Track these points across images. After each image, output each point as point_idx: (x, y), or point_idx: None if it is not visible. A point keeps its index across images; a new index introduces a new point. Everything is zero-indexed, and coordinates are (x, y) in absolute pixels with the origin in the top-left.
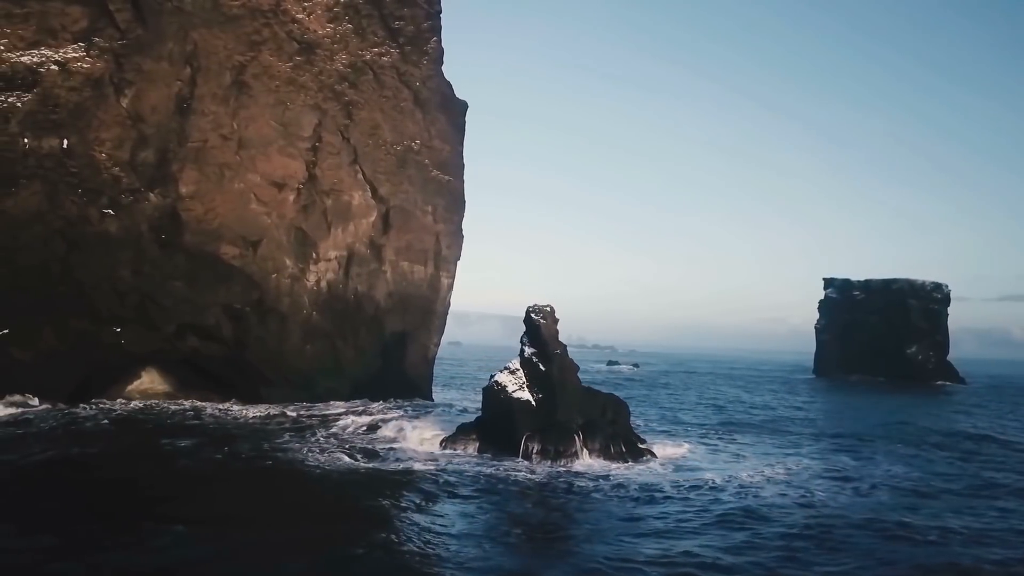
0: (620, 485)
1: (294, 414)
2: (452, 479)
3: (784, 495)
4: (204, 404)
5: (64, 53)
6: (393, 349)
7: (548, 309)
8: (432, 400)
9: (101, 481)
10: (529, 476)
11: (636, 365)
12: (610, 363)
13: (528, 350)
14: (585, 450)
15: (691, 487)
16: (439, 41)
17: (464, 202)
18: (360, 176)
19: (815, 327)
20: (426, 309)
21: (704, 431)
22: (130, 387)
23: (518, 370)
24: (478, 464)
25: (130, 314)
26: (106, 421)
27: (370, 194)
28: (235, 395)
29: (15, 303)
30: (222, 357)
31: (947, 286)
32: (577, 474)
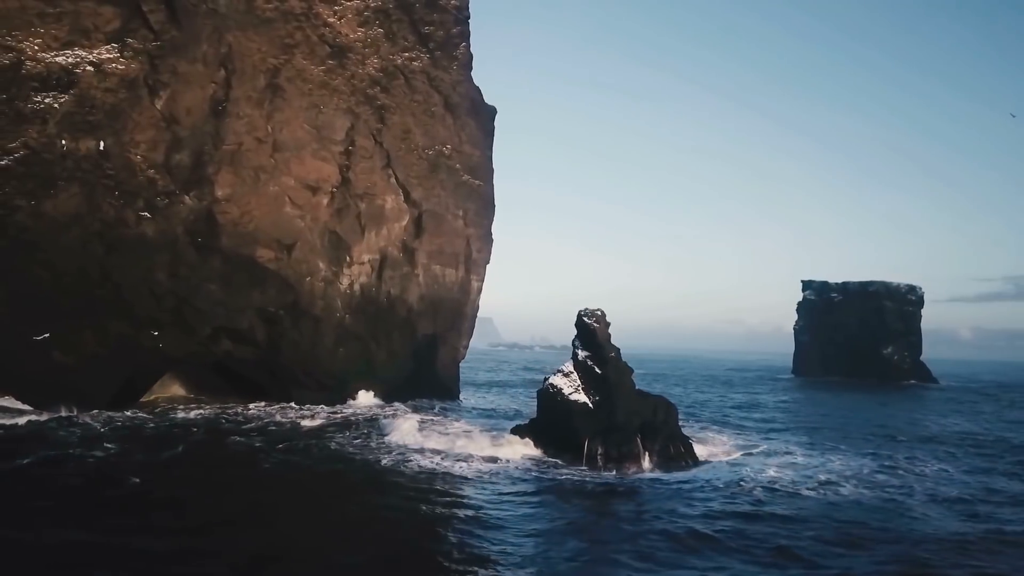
0: (702, 488)
1: (338, 416)
2: (528, 487)
3: (868, 496)
4: (252, 407)
5: (98, 54)
6: (424, 351)
7: (599, 313)
8: (460, 401)
9: (197, 484)
10: (603, 482)
11: None
12: None
13: (582, 353)
14: (646, 453)
15: (772, 491)
16: (468, 46)
17: (494, 206)
18: (393, 180)
19: (794, 328)
20: (456, 312)
21: (739, 432)
22: (153, 392)
23: (572, 373)
24: (543, 468)
25: (167, 317)
26: (174, 427)
27: (403, 198)
28: (261, 397)
29: (56, 307)
30: (254, 360)
31: (920, 288)
32: (649, 480)
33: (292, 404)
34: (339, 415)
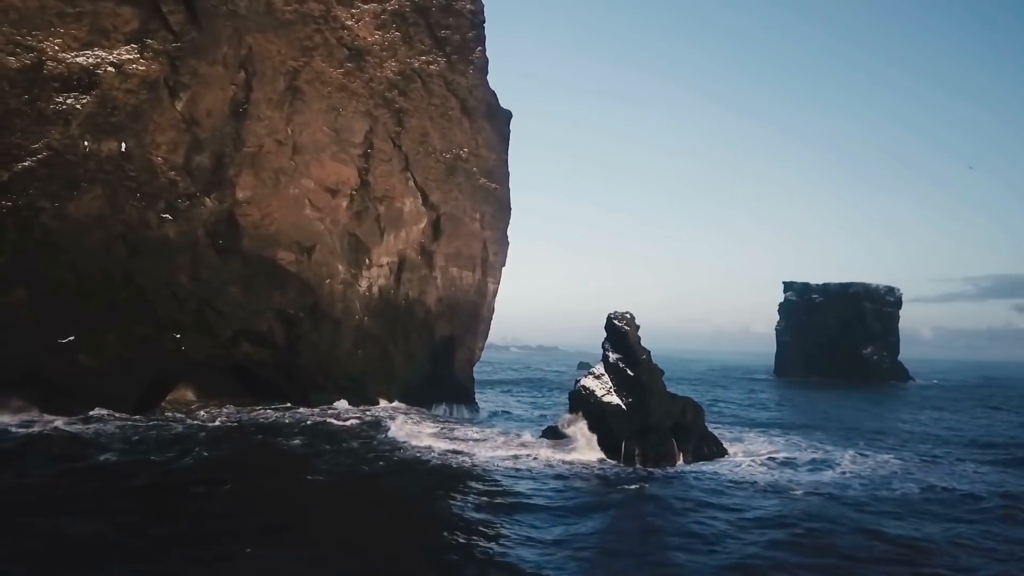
0: (744, 486)
1: (367, 416)
2: (582, 483)
3: (915, 493)
4: (273, 410)
5: (119, 55)
6: (442, 353)
7: (629, 315)
8: (478, 403)
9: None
10: (648, 479)
11: None
12: (581, 365)
13: (613, 355)
14: (680, 453)
15: (819, 487)
16: (484, 51)
17: (510, 209)
18: (411, 183)
19: (776, 329)
20: (473, 314)
21: (760, 431)
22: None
23: (603, 375)
24: (585, 467)
25: (189, 320)
26: (212, 430)
27: (421, 201)
28: (274, 400)
29: (80, 309)
30: (272, 362)
31: (899, 289)
32: (693, 478)
33: (312, 407)
34: (368, 416)
